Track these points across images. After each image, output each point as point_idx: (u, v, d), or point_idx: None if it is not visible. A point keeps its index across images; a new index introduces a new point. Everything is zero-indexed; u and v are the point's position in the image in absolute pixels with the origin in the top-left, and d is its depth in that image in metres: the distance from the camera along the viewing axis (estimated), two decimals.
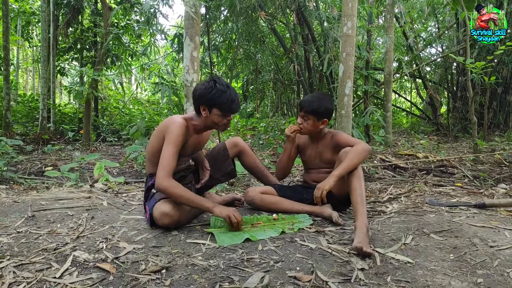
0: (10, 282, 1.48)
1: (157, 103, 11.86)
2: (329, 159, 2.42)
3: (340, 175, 2.09)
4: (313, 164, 2.50)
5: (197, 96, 2.13)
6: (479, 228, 1.99)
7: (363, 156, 2.13)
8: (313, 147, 2.49)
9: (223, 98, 2.08)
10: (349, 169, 2.07)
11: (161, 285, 1.42)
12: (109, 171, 4.56)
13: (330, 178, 2.09)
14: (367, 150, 2.16)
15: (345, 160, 2.10)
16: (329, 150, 2.42)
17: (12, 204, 2.60)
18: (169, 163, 2.01)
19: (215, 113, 2.12)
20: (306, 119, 2.35)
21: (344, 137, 2.37)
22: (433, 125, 9.44)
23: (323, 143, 2.44)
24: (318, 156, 2.47)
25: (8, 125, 7.09)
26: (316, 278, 1.47)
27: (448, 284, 1.44)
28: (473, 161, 4.77)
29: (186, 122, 2.13)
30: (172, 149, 2.04)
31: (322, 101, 2.36)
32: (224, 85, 2.11)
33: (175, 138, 2.05)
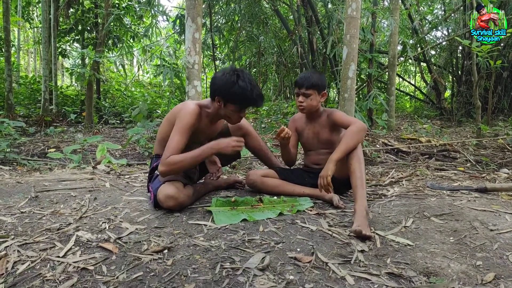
0: (14, 260, 1.50)
1: (159, 86, 11.81)
2: (327, 138, 2.41)
3: (338, 159, 2.09)
4: (312, 145, 2.49)
5: (215, 87, 2.04)
6: (480, 211, 2.00)
7: (359, 136, 2.13)
8: (310, 128, 2.48)
9: (243, 96, 1.99)
10: (346, 151, 2.08)
11: (163, 265, 1.44)
12: (111, 153, 4.58)
13: (329, 164, 2.09)
14: (362, 129, 2.16)
15: (341, 143, 2.11)
16: (326, 130, 2.41)
17: (16, 185, 2.63)
18: (175, 146, 1.98)
19: (230, 108, 2.05)
20: (308, 96, 2.33)
21: (339, 116, 2.34)
22: (437, 109, 9.38)
23: (320, 123, 2.43)
24: (316, 137, 2.45)
25: (11, 107, 7.09)
26: (316, 259, 1.48)
27: (447, 266, 1.45)
28: (476, 145, 4.75)
29: (199, 109, 2.08)
30: (179, 136, 2.00)
31: (318, 74, 2.39)
32: (247, 82, 1.98)
33: (184, 126, 2.01)
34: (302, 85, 2.34)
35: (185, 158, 1.98)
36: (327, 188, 2.08)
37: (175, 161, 1.96)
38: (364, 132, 2.17)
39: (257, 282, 1.31)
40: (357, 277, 1.37)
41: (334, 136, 2.39)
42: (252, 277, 1.33)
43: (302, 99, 2.35)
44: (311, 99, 2.34)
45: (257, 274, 1.36)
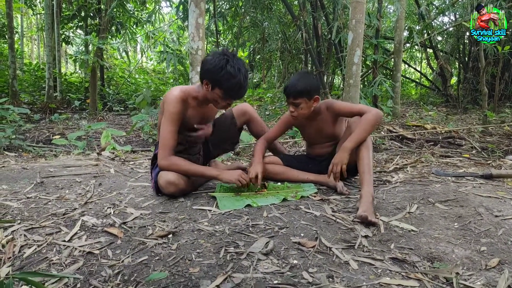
0: (21, 244, 1.52)
1: (163, 73, 11.77)
2: (331, 133, 2.34)
3: (353, 147, 2.03)
4: (315, 140, 2.44)
5: (204, 70, 1.99)
6: (485, 198, 1.99)
7: (375, 124, 2.06)
8: (311, 125, 2.38)
9: (230, 83, 1.93)
10: (362, 140, 2.02)
11: (168, 249, 1.45)
12: (116, 140, 4.59)
13: (344, 152, 2.03)
14: (379, 117, 2.07)
15: (356, 131, 2.03)
16: (329, 124, 2.32)
17: (21, 170, 2.64)
18: (167, 142, 2.01)
19: (217, 93, 1.99)
20: (298, 104, 2.17)
21: (343, 106, 2.23)
22: (443, 96, 9.28)
23: (321, 119, 2.32)
24: (319, 133, 2.37)
25: (15, 94, 7.11)
26: (320, 244, 1.49)
27: (452, 252, 1.45)
28: (481, 132, 4.71)
29: (183, 95, 2.03)
30: (169, 126, 2.01)
31: (305, 79, 2.19)
32: (236, 68, 1.92)
33: (171, 115, 2.01)
34: (289, 94, 2.19)
35: (189, 168, 2.04)
36: (338, 176, 2.05)
37: (178, 165, 2.02)
38: (380, 120, 2.07)
39: (261, 266, 1.31)
40: (361, 261, 1.37)
41: (337, 128, 2.33)
42: (256, 261, 1.34)
43: (293, 108, 2.20)
44: (302, 108, 2.18)
45: (261, 258, 1.37)
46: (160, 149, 2.02)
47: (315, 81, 2.24)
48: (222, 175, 2.07)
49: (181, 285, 1.21)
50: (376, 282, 1.23)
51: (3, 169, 2.73)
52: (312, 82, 2.20)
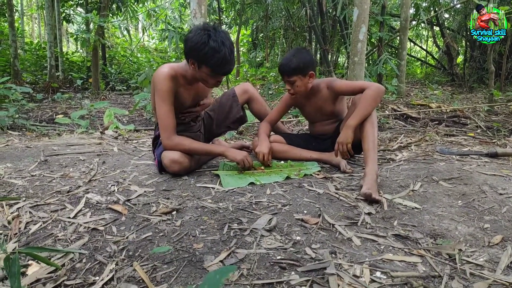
0: (27, 221, 1.54)
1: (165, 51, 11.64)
2: (331, 111, 2.32)
3: (357, 125, 2.01)
4: (316, 118, 2.43)
5: (187, 49, 1.89)
6: (490, 176, 1.98)
7: (378, 100, 2.04)
8: (311, 104, 2.36)
9: (215, 58, 1.83)
10: (364, 116, 2.00)
11: (172, 226, 1.46)
12: (119, 119, 4.59)
13: (348, 130, 2.02)
14: (380, 92, 2.04)
15: (359, 108, 2.01)
16: (329, 102, 2.30)
17: (25, 149, 2.65)
18: (166, 122, 1.98)
19: (204, 71, 1.91)
20: (293, 82, 2.18)
21: (343, 84, 2.19)
22: (448, 75, 9.15)
23: (321, 97, 2.30)
24: (319, 111, 2.36)
25: (17, 73, 7.07)
26: (323, 221, 1.49)
27: (455, 229, 1.45)
28: (487, 111, 4.66)
29: (172, 72, 1.97)
30: (164, 106, 1.97)
31: (298, 55, 2.16)
32: (219, 42, 1.82)
33: (163, 94, 1.95)
34: (283, 73, 2.18)
35: (194, 146, 2.03)
36: (346, 154, 2.05)
37: (183, 144, 2.01)
38: (382, 94, 2.06)
39: (264, 242, 1.32)
40: (364, 238, 1.37)
41: (338, 106, 2.31)
42: (260, 237, 1.35)
43: (289, 86, 2.21)
44: (297, 85, 2.18)
45: (264, 234, 1.37)
46: (162, 131, 2.01)
47: (309, 57, 2.21)
48: (228, 152, 2.07)
49: (185, 261, 1.22)
50: (378, 258, 1.24)
51: (7, 147, 2.74)
52: (306, 58, 2.16)
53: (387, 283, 1.10)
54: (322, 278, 1.13)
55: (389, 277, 1.14)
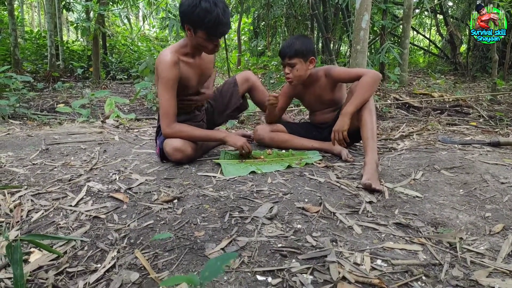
0: (28, 209, 1.54)
1: (166, 40, 11.56)
2: (330, 99, 2.30)
3: (353, 112, 2.01)
4: (315, 107, 2.41)
5: (181, 15, 1.88)
6: (491, 165, 1.97)
7: (374, 87, 2.03)
8: (310, 92, 2.33)
9: (208, 19, 1.81)
10: (361, 103, 2.00)
11: (173, 214, 1.46)
12: (120, 108, 4.58)
13: (344, 117, 2.01)
14: (377, 79, 2.03)
15: (356, 95, 2.01)
16: (328, 90, 2.28)
17: (26, 138, 2.65)
18: (168, 110, 1.97)
19: (200, 36, 1.89)
20: (293, 65, 2.15)
21: (341, 72, 2.18)
22: (451, 64, 9.08)
23: (319, 85, 2.28)
24: (318, 100, 2.34)
25: (18, 62, 7.04)
26: (324, 209, 1.49)
27: (456, 217, 1.45)
28: (490, 101, 4.63)
29: (175, 58, 1.95)
30: (166, 94, 1.96)
31: (301, 39, 2.16)
32: (211, 2, 1.81)
33: (166, 82, 1.94)
34: (285, 54, 2.16)
35: (194, 133, 2.02)
36: (342, 142, 2.04)
37: (183, 131, 2.00)
38: (378, 81, 2.05)
39: (265, 230, 1.32)
40: (365, 226, 1.38)
41: (337, 94, 2.30)
42: (261, 226, 1.35)
43: (288, 69, 2.18)
44: (297, 69, 2.16)
45: (265, 222, 1.38)
46: (162, 118, 2.00)
47: (311, 43, 2.22)
48: (228, 137, 2.07)
49: (186, 248, 1.23)
50: (379, 246, 1.24)
51: (8, 136, 2.74)
52: (308, 43, 2.17)
53: (387, 271, 1.11)
54: (323, 265, 1.13)
55: (390, 265, 1.14)
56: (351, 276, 1.07)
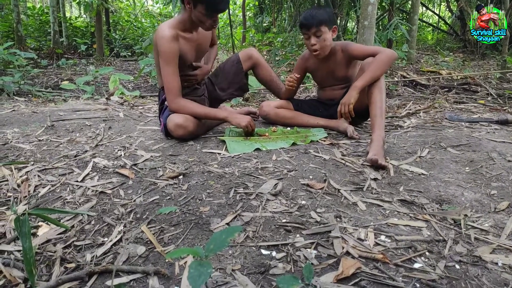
0: (35, 184, 1.56)
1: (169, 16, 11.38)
2: (343, 75, 2.27)
3: (363, 87, 1.97)
4: (327, 83, 2.38)
5: None
6: (499, 143, 1.95)
7: (388, 64, 2.00)
8: (324, 67, 2.30)
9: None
10: (372, 79, 1.96)
11: (178, 190, 1.47)
12: (124, 85, 4.56)
13: (353, 91, 1.99)
14: (392, 58, 2.00)
15: (368, 70, 1.97)
16: (342, 66, 2.24)
17: (31, 114, 2.66)
18: (171, 85, 1.97)
19: (200, 11, 1.89)
20: (319, 35, 2.10)
21: (358, 48, 2.15)
22: (460, 41, 8.88)
23: (334, 60, 2.24)
24: (331, 75, 2.31)
25: (21, 39, 6.99)
26: (329, 186, 1.49)
27: (461, 195, 1.45)
28: (499, 79, 4.55)
29: (173, 32, 1.94)
30: (168, 68, 1.95)
31: (322, 9, 2.14)
32: None
33: (167, 56, 1.93)
34: (311, 25, 2.09)
35: (198, 110, 2.03)
36: (348, 116, 2.02)
37: (187, 107, 2.01)
38: (393, 60, 2.01)
39: (270, 206, 1.33)
40: (369, 203, 1.38)
41: (350, 71, 2.26)
42: (265, 201, 1.36)
43: (315, 40, 2.12)
44: (324, 39, 2.11)
45: (270, 198, 1.38)
46: (167, 93, 2.00)
47: (331, 12, 2.20)
48: (231, 117, 2.06)
49: (192, 223, 1.24)
50: (383, 222, 1.25)
51: (13, 113, 2.75)
52: (330, 12, 2.17)
53: (391, 246, 1.12)
54: (327, 241, 1.14)
55: (394, 241, 1.15)
56: (355, 251, 1.08)
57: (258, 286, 0.95)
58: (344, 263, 1.02)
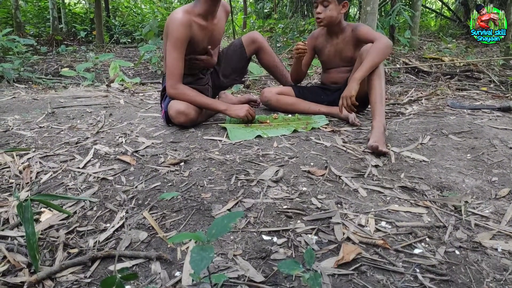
0: (37, 171, 1.56)
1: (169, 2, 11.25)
2: (350, 56, 2.26)
3: (362, 78, 1.96)
4: (333, 63, 2.36)
5: None
6: (501, 130, 1.94)
7: (385, 53, 1.99)
8: (332, 45, 2.30)
9: None
10: (371, 69, 1.95)
11: (180, 176, 1.48)
12: (124, 72, 4.53)
13: (353, 83, 1.97)
14: (388, 46, 2.00)
15: (365, 60, 1.96)
16: (350, 46, 2.25)
17: (32, 101, 2.65)
18: (174, 70, 1.95)
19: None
20: (326, 5, 2.13)
21: (365, 31, 2.15)
22: (464, 28, 8.78)
23: (343, 39, 2.25)
24: (338, 54, 2.30)
25: (20, 25, 6.93)
26: (330, 173, 1.50)
27: (462, 182, 1.45)
28: (502, 66, 4.51)
29: (187, 16, 1.92)
30: (174, 53, 1.93)
31: None
32: None
33: (176, 41, 1.91)
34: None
35: (196, 98, 2.00)
36: (351, 108, 2.01)
37: (186, 94, 1.99)
38: (390, 49, 2.02)
39: (271, 193, 1.34)
40: (370, 189, 1.38)
41: (357, 53, 2.25)
42: (266, 188, 1.36)
43: (320, 9, 2.14)
44: (330, 9, 2.13)
45: (271, 185, 1.39)
46: (168, 78, 1.98)
47: None
48: (229, 110, 2.04)
49: (193, 209, 1.25)
50: (384, 208, 1.25)
51: (14, 100, 2.74)
52: None
53: (391, 232, 1.12)
54: (328, 226, 1.15)
55: (394, 227, 1.15)
56: (355, 236, 1.09)
57: (260, 271, 0.96)
58: (344, 248, 1.03)
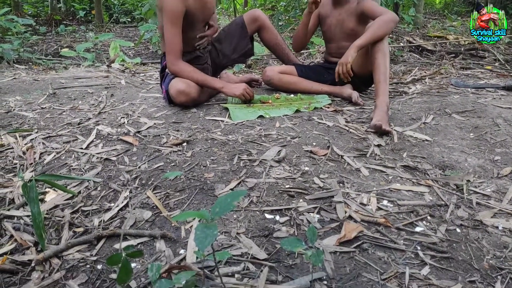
0: (41, 152, 1.57)
1: None
2: (351, 28, 2.22)
3: (362, 46, 1.94)
4: (334, 34, 2.32)
5: None
6: (505, 109, 1.93)
7: (389, 27, 1.96)
8: (334, 15, 2.26)
9: None
10: (372, 39, 1.92)
11: (183, 156, 1.48)
12: (125, 52, 4.49)
13: (350, 50, 1.95)
14: (393, 20, 1.96)
15: (368, 30, 1.93)
16: (352, 18, 2.20)
17: (33, 82, 2.64)
18: (173, 46, 1.93)
19: None
20: None
21: (370, 4, 2.11)
22: (469, 5, 8.61)
23: (347, 9, 2.21)
24: (340, 25, 2.26)
25: (17, 5, 6.83)
26: (332, 152, 1.50)
27: (464, 161, 1.45)
28: (508, 44, 4.44)
29: None
30: (172, 28, 1.91)
31: None
32: None
33: (171, 15, 1.89)
34: None
35: (195, 75, 1.99)
36: (346, 76, 1.99)
37: (185, 71, 1.97)
38: (394, 23, 1.98)
39: (273, 172, 1.34)
40: (372, 169, 1.39)
41: (360, 28, 2.20)
42: (269, 168, 1.37)
43: None
44: None
45: (273, 165, 1.39)
46: (167, 54, 1.96)
47: None
48: (226, 88, 2.02)
49: (196, 189, 1.26)
50: (386, 187, 1.26)
51: (14, 81, 2.73)
52: None
53: (393, 211, 1.13)
54: (330, 205, 1.15)
55: (396, 205, 1.16)
56: (357, 215, 1.10)
57: (262, 248, 0.97)
58: (346, 226, 1.04)
